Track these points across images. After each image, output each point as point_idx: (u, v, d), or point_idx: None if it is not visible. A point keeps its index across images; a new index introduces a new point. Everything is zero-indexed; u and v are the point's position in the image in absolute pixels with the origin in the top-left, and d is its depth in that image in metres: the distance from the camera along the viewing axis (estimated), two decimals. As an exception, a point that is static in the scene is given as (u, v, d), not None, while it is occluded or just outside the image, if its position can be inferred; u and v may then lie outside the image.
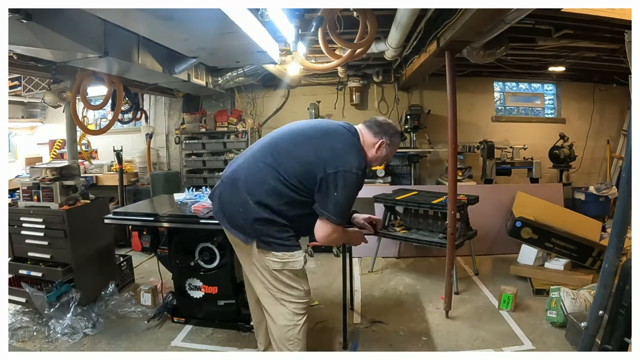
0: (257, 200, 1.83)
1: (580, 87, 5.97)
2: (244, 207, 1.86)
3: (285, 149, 1.90)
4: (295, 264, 1.89)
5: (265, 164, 1.87)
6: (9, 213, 2.94)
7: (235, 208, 1.89)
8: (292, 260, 1.89)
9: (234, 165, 1.99)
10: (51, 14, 1.93)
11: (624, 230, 1.31)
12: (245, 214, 1.86)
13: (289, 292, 1.93)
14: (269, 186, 1.84)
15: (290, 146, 1.90)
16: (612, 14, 2.47)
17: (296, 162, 1.85)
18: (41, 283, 2.99)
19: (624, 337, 1.37)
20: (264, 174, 1.86)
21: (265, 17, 2.67)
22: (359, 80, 5.67)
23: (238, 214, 1.89)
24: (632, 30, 1.39)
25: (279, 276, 1.90)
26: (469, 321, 2.96)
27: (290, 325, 1.94)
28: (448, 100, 2.84)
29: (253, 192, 1.85)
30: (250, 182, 1.87)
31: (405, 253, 4.42)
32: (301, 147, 1.88)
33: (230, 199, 1.92)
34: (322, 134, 1.93)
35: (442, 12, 2.82)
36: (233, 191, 1.91)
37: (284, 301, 1.93)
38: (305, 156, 1.84)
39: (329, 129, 1.96)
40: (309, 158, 1.83)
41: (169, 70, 3.33)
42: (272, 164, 1.86)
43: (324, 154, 1.82)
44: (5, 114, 1.84)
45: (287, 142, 1.93)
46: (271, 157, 1.89)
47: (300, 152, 1.87)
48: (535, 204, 4.17)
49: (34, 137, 6.58)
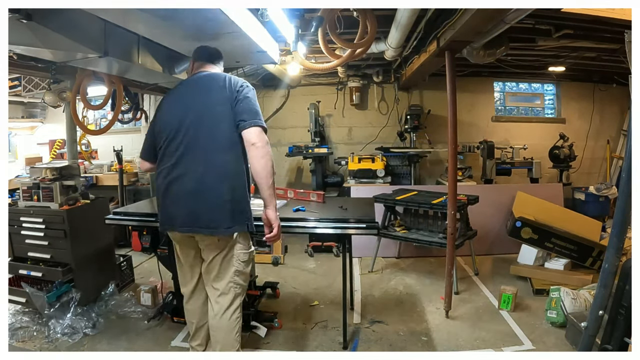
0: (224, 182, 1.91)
1: (580, 87, 5.97)
2: (224, 196, 1.91)
3: (195, 121, 1.95)
4: (253, 252, 2.11)
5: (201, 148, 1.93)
6: (9, 213, 2.94)
7: (212, 203, 1.91)
8: (252, 249, 2.10)
9: (176, 171, 1.95)
10: (51, 14, 1.93)
11: (624, 230, 1.31)
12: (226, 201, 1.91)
13: (243, 282, 2.07)
14: (224, 161, 1.92)
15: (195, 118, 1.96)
16: (612, 14, 2.46)
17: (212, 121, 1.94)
18: (41, 283, 2.99)
19: (624, 337, 1.37)
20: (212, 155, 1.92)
21: (265, 17, 2.66)
22: (359, 80, 5.67)
23: (217, 207, 1.92)
24: (632, 30, 1.39)
25: (245, 271, 2.05)
26: (469, 321, 2.96)
27: (238, 317, 2.05)
28: (448, 100, 2.84)
29: (216, 179, 1.91)
30: (209, 172, 1.91)
31: (405, 253, 4.42)
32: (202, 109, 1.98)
33: (200, 199, 1.92)
34: (200, 88, 2.05)
35: (442, 12, 2.82)
36: (200, 191, 1.91)
37: (237, 293, 2.04)
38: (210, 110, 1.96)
39: (200, 81, 2.09)
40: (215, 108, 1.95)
41: (169, 70, 3.33)
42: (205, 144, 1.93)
43: (221, 89, 1.97)
44: (5, 114, 1.84)
45: (190, 117, 1.97)
46: (197, 139, 1.94)
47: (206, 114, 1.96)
48: (535, 204, 4.17)
49: (34, 137, 6.58)
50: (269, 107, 6.07)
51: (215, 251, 1.99)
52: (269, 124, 6.01)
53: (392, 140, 5.84)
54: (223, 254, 2.00)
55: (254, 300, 3.16)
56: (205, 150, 1.92)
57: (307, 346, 2.66)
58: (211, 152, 1.91)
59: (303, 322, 2.98)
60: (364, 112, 6.02)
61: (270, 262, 4.23)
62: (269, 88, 5.96)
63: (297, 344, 2.69)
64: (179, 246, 2.13)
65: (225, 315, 2.02)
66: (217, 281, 2.04)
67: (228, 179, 1.92)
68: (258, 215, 2.74)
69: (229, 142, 1.93)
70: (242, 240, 2.04)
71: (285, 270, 4.14)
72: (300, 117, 5.84)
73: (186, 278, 2.19)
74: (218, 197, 1.90)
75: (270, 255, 4.29)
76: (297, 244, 4.72)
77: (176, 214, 1.96)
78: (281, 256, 4.31)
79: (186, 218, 1.94)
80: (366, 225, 2.50)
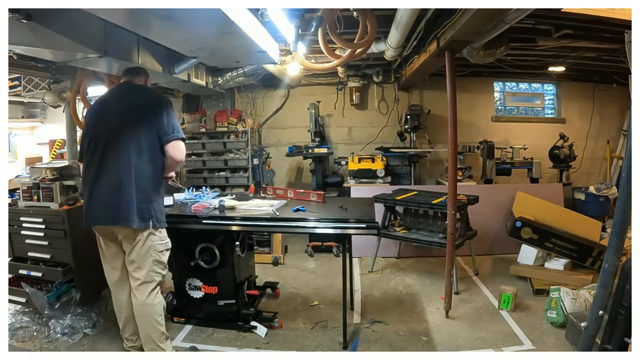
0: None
1: (580, 87, 5.97)
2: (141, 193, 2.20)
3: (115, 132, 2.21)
4: (168, 242, 2.34)
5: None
6: (9, 213, 2.93)
7: (124, 201, 2.16)
8: (167, 240, 2.34)
9: (96, 173, 2.23)
10: (51, 14, 1.93)
11: (624, 230, 1.31)
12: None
13: (161, 270, 2.31)
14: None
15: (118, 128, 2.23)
16: (612, 14, 2.47)
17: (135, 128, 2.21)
18: (41, 283, 2.98)
19: (624, 337, 1.37)
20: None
21: (265, 17, 2.66)
22: (359, 80, 5.67)
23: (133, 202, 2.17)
24: (632, 30, 1.39)
25: (161, 259, 2.29)
26: (469, 321, 2.96)
27: (160, 301, 2.31)
28: (448, 100, 2.84)
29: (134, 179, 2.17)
30: (123, 174, 2.17)
31: (405, 253, 4.42)
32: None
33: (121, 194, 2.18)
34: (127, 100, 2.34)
35: (442, 12, 2.81)
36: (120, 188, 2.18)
37: (156, 281, 2.29)
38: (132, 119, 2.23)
39: (122, 90, 2.42)
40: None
41: (169, 70, 3.33)
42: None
43: (139, 98, 2.32)
44: (5, 114, 1.84)
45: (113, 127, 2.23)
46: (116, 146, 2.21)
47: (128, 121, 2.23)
48: (535, 204, 4.17)
49: (34, 137, 6.59)
50: (269, 107, 6.07)
51: (132, 242, 2.23)
52: (269, 124, 6.05)
53: (392, 140, 5.84)
54: (140, 245, 2.22)
55: (254, 300, 3.16)
56: (121, 154, 2.18)
57: (307, 346, 2.66)
58: (126, 156, 2.17)
59: (303, 322, 2.98)
60: (364, 112, 6.01)
61: (270, 262, 4.23)
62: (269, 88, 5.96)
63: (297, 344, 2.69)
64: (102, 240, 2.36)
65: (148, 302, 2.26)
66: (138, 271, 2.27)
67: (138, 180, 2.18)
68: (257, 215, 2.75)
69: (143, 147, 2.19)
70: (157, 232, 2.27)
71: (285, 270, 4.14)
72: (300, 117, 5.83)
73: (110, 271, 2.40)
74: (129, 195, 2.16)
75: (270, 255, 4.29)
76: (297, 244, 4.72)
77: (97, 210, 2.23)
78: (281, 256, 4.31)
79: (105, 214, 2.21)
80: (366, 225, 2.50)
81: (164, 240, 2.32)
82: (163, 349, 2.31)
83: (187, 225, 2.67)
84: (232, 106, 5.91)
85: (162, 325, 2.31)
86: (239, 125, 5.38)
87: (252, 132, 5.35)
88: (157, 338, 2.29)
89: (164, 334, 2.33)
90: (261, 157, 5.26)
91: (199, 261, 2.79)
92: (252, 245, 3.31)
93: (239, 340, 2.74)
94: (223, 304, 2.85)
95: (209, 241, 2.76)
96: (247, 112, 5.92)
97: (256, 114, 6.02)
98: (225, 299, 2.85)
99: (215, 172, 5.39)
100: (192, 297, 2.88)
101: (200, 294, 2.86)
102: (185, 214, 2.72)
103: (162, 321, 2.32)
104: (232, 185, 5.31)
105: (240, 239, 2.79)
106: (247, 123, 5.40)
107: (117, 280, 2.40)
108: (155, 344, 2.29)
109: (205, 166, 5.45)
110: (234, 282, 2.84)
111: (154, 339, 2.28)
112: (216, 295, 2.84)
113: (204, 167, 5.47)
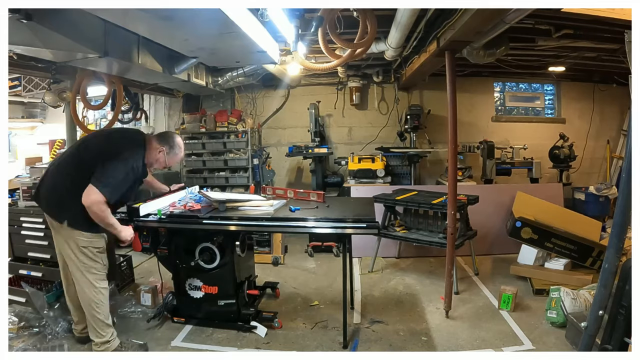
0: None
1: (580, 87, 5.97)
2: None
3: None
4: (89, 235, 2.44)
5: None
6: (9, 213, 2.94)
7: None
8: (88, 232, 2.43)
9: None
10: (51, 14, 1.93)
11: (624, 230, 1.31)
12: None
13: (88, 261, 2.42)
14: None
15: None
16: (612, 14, 2.47)
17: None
18: (41, 283, 2.99)
19: (624, 337, 1.37)
20: None
21: (265, 17, 2.66)
22: (359, 80, 5.67)
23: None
24: (632, 30, 1.39)
25: (86, 252, 2.41)
26: (469, 321, 2.96)
27: (96, 288, 2.44)
28: (448, 100, 2.84)
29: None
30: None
31: (405, 253, 4.42)
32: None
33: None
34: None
35: (442, 12, 2.82)
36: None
37: (87, 270, 2.42)
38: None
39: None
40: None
41: (169, 70, 3.33)
42: None
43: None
44: (5, 114, 1.84)
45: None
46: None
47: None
48: (535, 204, 4.16)
49: (34, 137, 6.58)
50: (269, 107, 6.07)
51: (59, 236, 2.42)
52: (269, 124, 6.05)
53: (392, 140, 5.84)
54: (64, 238, 2.39)
55: (254, 300, 3.16)
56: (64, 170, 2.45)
57: (307, 346, 2.66)
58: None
59: (303, 322, 2.98)
60: (364, 112, 6.01)
61: (270, 262, 4.23)
62: (269, 88, 5.96)
63: (297, 344, 2.69)
64: (52, 232, 2.52)
65: (86, 290, 2.41)
66: (71, 264, 2.41)
67: (64, 190, 2.40)
68: (255, 215, 2.74)
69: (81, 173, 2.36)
70: (77, 227, 2.39)
71: (285, 270, 4.14)
72: (300, 117, 5.83)
73: (60, 266, 2.56)
74: (56, 197, 2.41)
75: (270, 255, 4.29)
76: (297, 244, 4.72)
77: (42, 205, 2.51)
78: (281, 256, 4.31)
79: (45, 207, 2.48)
80: (366, 225, 2.50)
81: (85, 232, 2.43)
82: None
83: (187, 225, 2.67)
84: (232, 106, 5.91)
85: (102, 313, 2.47)
86: (239, 125, 5.39)
87: (252, 132, 5.35)
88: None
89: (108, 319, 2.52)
90: (261, 157, 5.26)
91: (199, 261, 2.79)
92: (252, 245, 3.31)
93: (239, 340, 2.74)
94: (223, 303, 2.85)
95: (209, 241, 2.75)
96: (247, 112, 5.92)
97: (256, 114, 6.02)
98: (225, 298, 2.84)
99: (215, 172, 5.39)
100: (192, 297, 2.88)
101: (201, 294, 2.86)
102: (185, 214, 2.72)
103: (97, 308, 2.45)
104: (232, 185, 5.31)
105: (240, 238, 2.79)
106: (247, 123, 5.41)
107: (65, 276, 2.60)
108: None
109: (205, 166, 5.45)
110: (234, 282, 2.84)
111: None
112: (216, 295, 2.84)
113: (204, 167, 5.47)
